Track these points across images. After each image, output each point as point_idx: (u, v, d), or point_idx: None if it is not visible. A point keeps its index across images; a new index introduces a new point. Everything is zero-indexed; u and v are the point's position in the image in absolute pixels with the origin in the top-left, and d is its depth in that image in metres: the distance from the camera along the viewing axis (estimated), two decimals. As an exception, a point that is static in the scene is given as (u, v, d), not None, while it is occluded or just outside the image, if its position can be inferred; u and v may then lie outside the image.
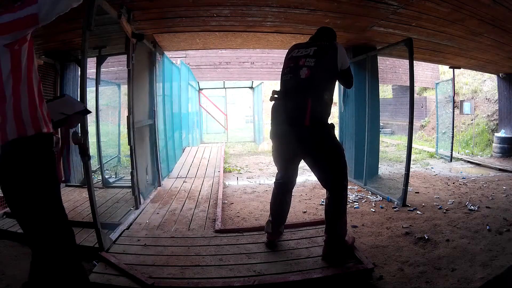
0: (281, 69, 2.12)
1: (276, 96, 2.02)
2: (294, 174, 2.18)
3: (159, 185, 4.03)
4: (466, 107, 7.31)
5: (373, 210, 3.21)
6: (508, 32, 3.54)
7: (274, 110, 2.04)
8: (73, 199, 3.44)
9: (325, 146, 1.93)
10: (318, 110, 1.89)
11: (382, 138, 8.53)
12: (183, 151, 7.01)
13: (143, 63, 3.64)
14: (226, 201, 3.59)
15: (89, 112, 1.85)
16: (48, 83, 3.88)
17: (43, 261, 1.31)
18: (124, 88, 4.97)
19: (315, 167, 2.01)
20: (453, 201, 3.44)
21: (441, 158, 6.60)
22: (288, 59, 2.08)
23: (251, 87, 10.96)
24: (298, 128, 1.90)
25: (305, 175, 4.59)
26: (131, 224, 2.71)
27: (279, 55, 7.83)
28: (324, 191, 2.11)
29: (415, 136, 9.17)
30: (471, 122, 8.16)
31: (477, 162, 6.05)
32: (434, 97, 8.00)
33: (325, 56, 1.94)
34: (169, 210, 3.13)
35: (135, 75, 3.21)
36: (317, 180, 2.10)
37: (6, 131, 1.19)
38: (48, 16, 1.18)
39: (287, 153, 2.08)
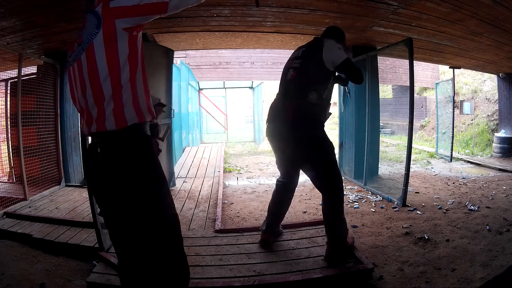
0: (281, 69, 2.17)
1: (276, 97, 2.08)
2: (295, 175, 2.18)
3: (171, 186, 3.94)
4: (466, 107, 7.31)
5: (373, 210, 3.21)
6: (508, 32, 3.54)
7: (269, 109, 2.10)
8: (73, 199, 3.44)
9: (310, 146, 1.92)
10: (302, 110, 1.89)
11: (382, 138, 8.52)
12: (183, 151, 7.02)
13: (159, 62, 3.57)
14: (226, 201, 3.59)
15: (165, 105, 1.70)
16: (48, 83, 3.88)
17: None
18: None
19: (307, 170, 2.05)
20: (453, 201, 3.44)
21: (441, 158, 6.60)
22: (287, 61, 2.13)
23: (251, 87, 10.96)
24: (283, 127, 1.95)
25: (305, 175, 4.58)
26: (131, 224, 2.71)
27: (279, 55, 7.83)
28: (324, 191, 2.11)
29: (415, 136, 9.17)
30: (471, 122, 8.16)
31: (477, 162, 6.04)
32: (434, 97, 7.99)
33: (311, 56, 1.96)
34: (169, 210, 3.13)
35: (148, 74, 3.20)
36: None
37: (125, 117, 1.09)
38: (179, 6, 1.10)
39: (281, 152, 2.11)
